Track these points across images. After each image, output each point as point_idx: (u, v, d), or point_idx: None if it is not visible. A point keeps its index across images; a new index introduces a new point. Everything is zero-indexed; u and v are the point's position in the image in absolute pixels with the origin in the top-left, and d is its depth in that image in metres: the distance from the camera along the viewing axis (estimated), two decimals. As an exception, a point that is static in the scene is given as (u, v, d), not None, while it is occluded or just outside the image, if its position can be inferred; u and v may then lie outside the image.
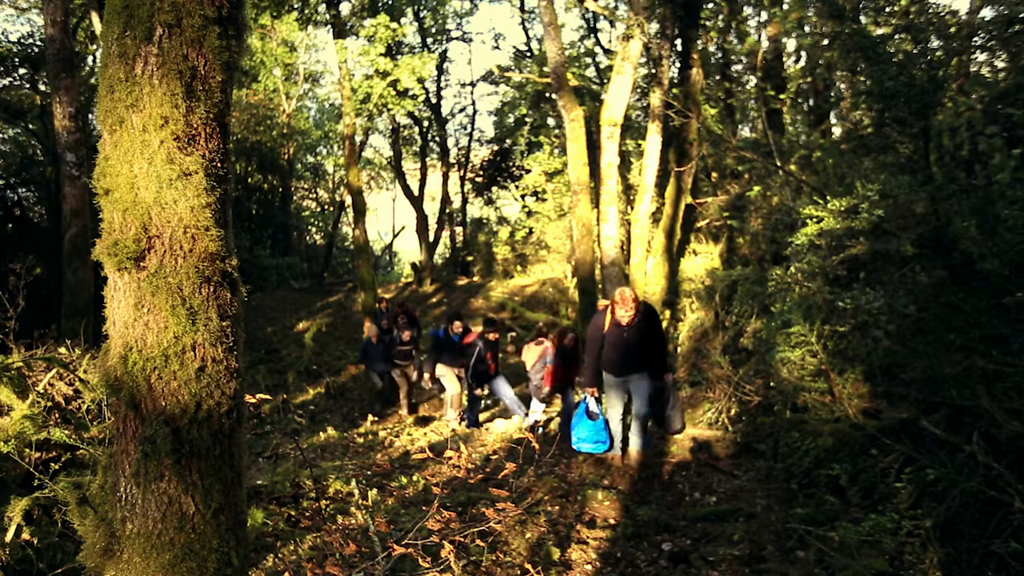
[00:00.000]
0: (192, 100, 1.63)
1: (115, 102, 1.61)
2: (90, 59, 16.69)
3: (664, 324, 8.75)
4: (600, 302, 5.93)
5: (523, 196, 20.26)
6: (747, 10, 14.30)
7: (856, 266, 5.87)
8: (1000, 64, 6.95)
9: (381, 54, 14.54)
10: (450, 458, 3.26)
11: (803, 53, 13.88)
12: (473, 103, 33.87)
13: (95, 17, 11.57)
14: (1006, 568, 2.83)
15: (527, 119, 19.74)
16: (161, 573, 1.65)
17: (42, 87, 14.94)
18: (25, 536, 2.80)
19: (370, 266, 15.29)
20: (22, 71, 15.15)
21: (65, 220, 9.40)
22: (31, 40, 15.11)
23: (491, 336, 8.30)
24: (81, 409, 4.05)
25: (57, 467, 3.38)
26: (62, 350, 4.77)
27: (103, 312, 1.71)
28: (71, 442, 3.46)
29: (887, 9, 7.09)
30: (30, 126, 15.79)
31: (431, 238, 23.26)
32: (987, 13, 7.28)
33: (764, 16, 13.88)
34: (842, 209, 5.80)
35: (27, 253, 7.05)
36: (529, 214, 19.66)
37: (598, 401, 5.74)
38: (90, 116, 13.58)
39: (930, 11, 6.44)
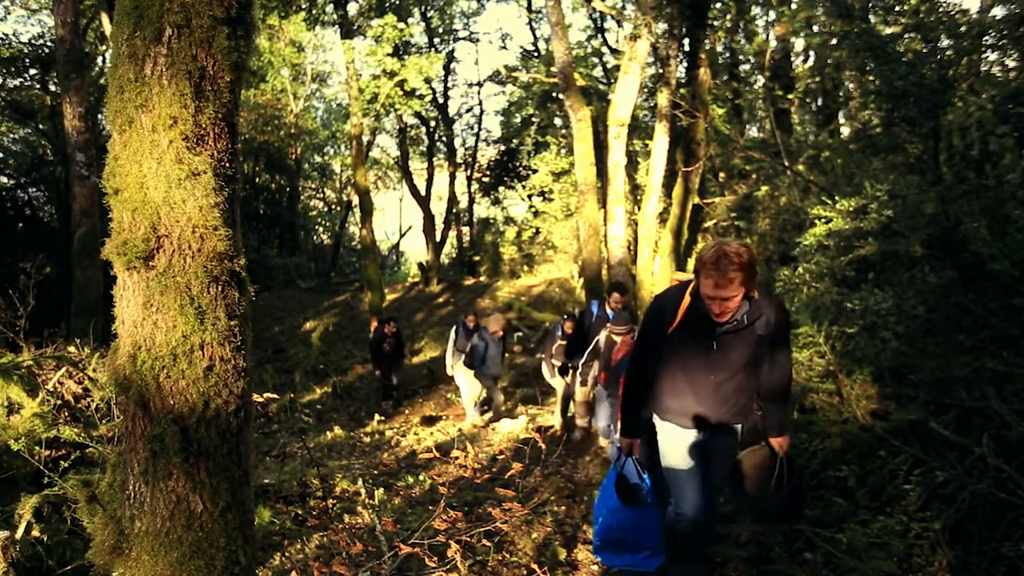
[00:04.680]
0: (201, 100, 1.63)
1: (125, 102, 1.62)
2: (100, 60, 16.82)
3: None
4: (675, 276, 3.26)
5: (530, 196, 20.26)
6: (755, 9, 14.26)
7: (865, 267, 5.83)
8: (1011, 63, 6.89)
9: (388, 54, 14.58)
10: (456, 458, 3.26)
11: (811, 52, 13.83)
12: (480, 103, 34.05)
13: (105, 18, 11.65)
14: (1016, 572, 2.81)
15: (534, 119, 19.74)
16: (169, 571, 1.66)
17: (52, 88, 15.06)
18: (35, 533, 2.82)
19: (377, 266, 15.33)
20: (33, 72, 15.28)
21: (75, 219, 9.48)
22: (42, 41, 15.24)
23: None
24: (90, 407, 4.08)
25: (67, 465, 3.40)
26: (72, 349, 4.81)
27: (112, 311, 1.72)
28: (80, 440, 3.48)
29: (896, 8, 7.04)
30: (40, 126, 15.92)
31: (438, 238, 23.31)
32: (998, 12, 7.22)
33: (772, 15, 13.83)
34: (851, 209, 5.77)
35: (37, 252, 7.10)
36: (536, 214, 19.67)
37: (643, 467, 3.14)
38: (100, 116, 13.68)
39: (940, 10, 6.39)
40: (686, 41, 12.05)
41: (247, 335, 1.79)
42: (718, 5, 13.51)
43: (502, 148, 23.91)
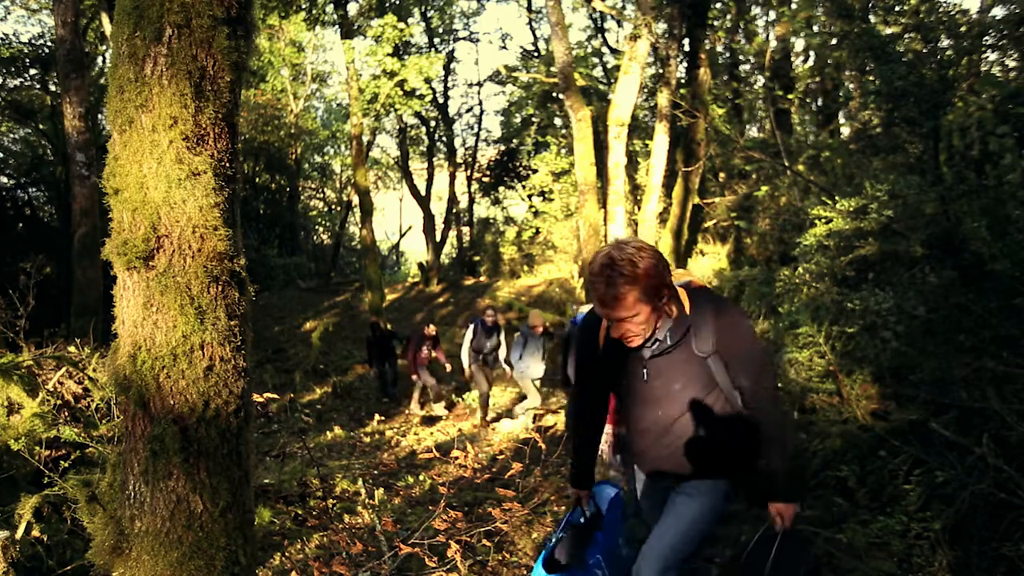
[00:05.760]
0: (201, 100, 1.63)
1: (125, 102, 1.62)
2: (100, 60, 16.83)
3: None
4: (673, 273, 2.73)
5: (530, 196, 20.27)
6: (755, 9, 14.27)
7: (865, 267, 5.83)
8: (1011, 63, 6.90)
9: (388, 54, 14.59)
10: (456, 458, 3.27)
11: (812, 53, 13.84)
12: (480, 103, 34.15)
13: (105, 18, 11.65)
14: (1016, 572, 2.81)
15: (534, 119, 19.74)
16: (169, 571, 1.66)
17: (52, 88, 15.07)
18: (35, 533, 2.82)
19: (377, 266, 15.34)
20: (33, 72, 15.29)
21: (75, 219, 9.48)
22: (42, 41, 15.26)
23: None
24: (90, 407, 4.07)
25: (67, 465, 3.40)
26: (72, 349, 4.80)
27: (112, 311, 1.72)
28: (80, 440, 3.48)
29: (896, 8, 7.05)
30: (40, 126, 15.92)
31: (438, 238, 23.31)
32: (998, 12, 7.23)
33: (772, 15, 13.84)
34: (851, 209, 5.77)
35: (37, 252, 7.11)
36: (536, 214, 19.69)
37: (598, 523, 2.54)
38: (100, 116, 13.68)
39: (940, 10, 6.40)
40: (686, 41, 12.06)
41: (247, 335, 1.79)
42: (718, 5, 13.52)
43: (502, 148, 23.92)
